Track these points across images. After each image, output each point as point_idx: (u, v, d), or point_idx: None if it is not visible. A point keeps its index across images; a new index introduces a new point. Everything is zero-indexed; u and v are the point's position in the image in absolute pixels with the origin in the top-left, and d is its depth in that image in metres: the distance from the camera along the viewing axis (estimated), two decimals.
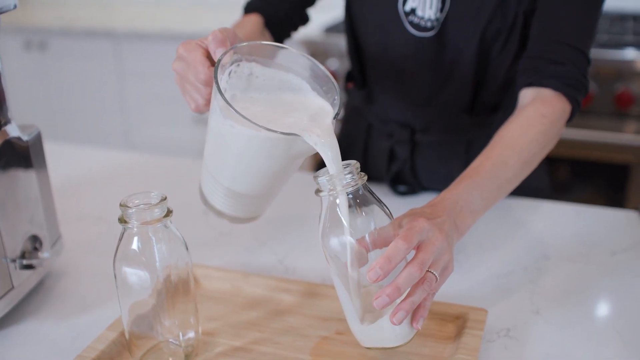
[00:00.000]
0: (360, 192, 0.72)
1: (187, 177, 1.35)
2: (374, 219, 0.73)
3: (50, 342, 0.85)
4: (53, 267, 1.01)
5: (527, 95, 0.99)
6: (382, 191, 1.23)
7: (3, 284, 0.85)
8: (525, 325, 0.84)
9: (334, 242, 0.72)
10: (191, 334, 0.79)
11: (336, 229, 0.72)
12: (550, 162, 2.25)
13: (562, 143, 2.17)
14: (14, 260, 0.86)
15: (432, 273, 0.73)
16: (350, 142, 1.30)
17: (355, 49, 1.19)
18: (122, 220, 0.72)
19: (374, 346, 0.77)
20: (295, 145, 0.72)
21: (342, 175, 0.71)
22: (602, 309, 0.88)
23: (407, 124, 1.18)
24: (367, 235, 0.72)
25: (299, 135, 0.71)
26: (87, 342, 0.82)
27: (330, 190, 0.71)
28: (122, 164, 1.44)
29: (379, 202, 0.74)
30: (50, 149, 1.51)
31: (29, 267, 0.89)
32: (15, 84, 3.00)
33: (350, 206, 0.71)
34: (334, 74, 2.32)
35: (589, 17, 0.99)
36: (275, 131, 0.69)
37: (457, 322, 0.83)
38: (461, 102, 1.13)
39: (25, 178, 0.89)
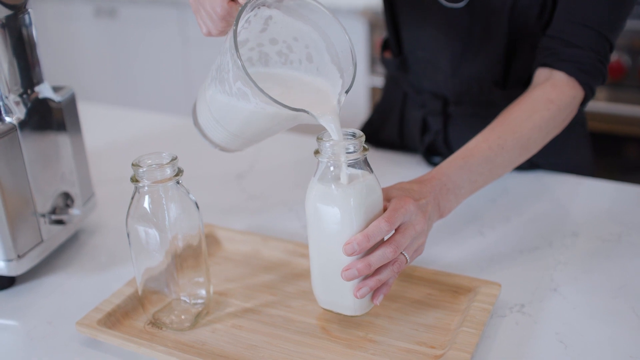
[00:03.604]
0: (359, 163, 0.72)
1: None
2: (366, 188, 0.72)
3: (76, 295, 0.89)
4: (86, 224, 1.05)
5: (541, 76, 0.97)
6: (416, 161, 1.22)
7: (33, 237, 0.89)
8: (541, 302, 0.83)
9: (321, 207, 0.72)
10: (203, 294, 0.81)
11: (327, 195, 0.72)
12: (620, 141, 2.18)
13: (629, 121, 2.10)
14: (43, 215, 0.90)
15: (404, 255, 0.74)
16: (387, 111, 1.30)
17: (391, 17, 1.18)
18: (134, 180, 0.74)
19: (331, 309, 0.78)
20: (302, 117, 0.72)
21: (345, 146, 0.71)
22: (624, 290, 0.85)
23: (440, 95, 1.16)
24: (351, 200, 0.71)
25: (307, 112, 0.71)
26: (107, 296, 0.85)
27: (331, 156, 0.71)
28: (169, 127, 1.47)
29: (371, 172, 0.74)
30: (105, 112, 1.57)
31: (59, 222, 0.93)
32: (85, 49, 3.09)
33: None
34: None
35: (619, 1, 0.94)
36: (287, 106, 0.69)
37: (469, 295, 0.82)
38: (493, 75, 1.10)
39: (57, 137, 0.93)
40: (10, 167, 0.85)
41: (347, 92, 0.75)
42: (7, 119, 0.85)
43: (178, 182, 0.75)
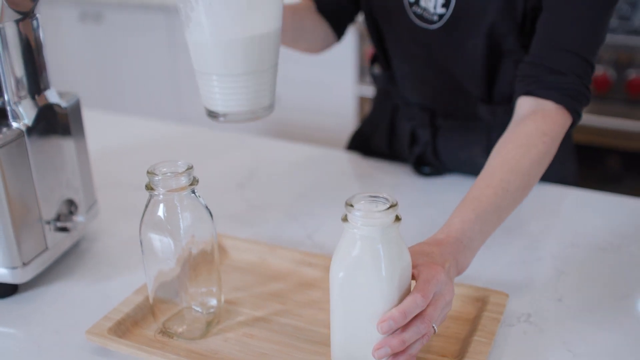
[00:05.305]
0: (390, 235, 0.67)
1: (226, 150, 1.37)
2: (398, 258, 0.67)
3: (80, 303, 0.88)
4: (88, 231, 1.04)
5: (525, 105, 0.95)
6: (405, 170, 1.24)
7: (37, 244, 0.88)
8: (547, 312, 0.84)
9: (349, 277, 0.67)
10: (214, 302, 0.81)
11: (356, 265, 0.66)
12: (601, 153, 2.22)
13: (613, 134, 2.14)
14: (48, 222, 0.90)
15: (433, 327, 0.70)
16: (377, 122, 1.32)
17: (376, 34, 1.19)
18: (148, 188, 0.74)
19: None
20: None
21: (379, 218, 0.65)
22: (627, 300, 0.86)
23: (428, 108, 1.17)
24: (383, 271, 0.66)
25: None
26: (114, 304, 0.84)
27: (360, 227, 0.66)
28: (165, 134, 1.47)
29: (401, 238, 0.69)
30: (99, 117, 1.56)
31: (64, 229, 0.92)
32: (70, 54, 3.07)
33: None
34: None
35: (597, 21, 0.94)
36: None
37: (477, 305, 0.83)
38: (477, 92, 1.11)
39: (62, 143, 0.92)
40: (17, 173, 0.84)
41: None
42: (15, 125, 0.84)
43: (193, 192, 0.75)
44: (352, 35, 2.41)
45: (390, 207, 0.65)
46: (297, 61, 2.09)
